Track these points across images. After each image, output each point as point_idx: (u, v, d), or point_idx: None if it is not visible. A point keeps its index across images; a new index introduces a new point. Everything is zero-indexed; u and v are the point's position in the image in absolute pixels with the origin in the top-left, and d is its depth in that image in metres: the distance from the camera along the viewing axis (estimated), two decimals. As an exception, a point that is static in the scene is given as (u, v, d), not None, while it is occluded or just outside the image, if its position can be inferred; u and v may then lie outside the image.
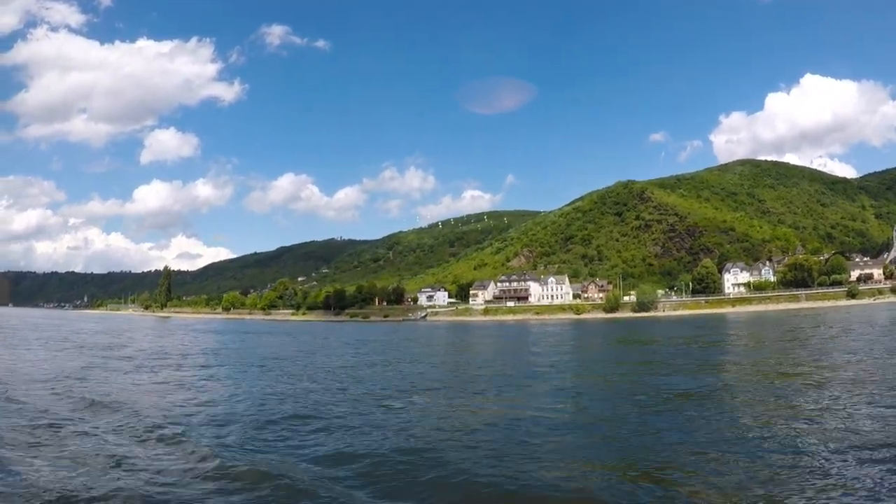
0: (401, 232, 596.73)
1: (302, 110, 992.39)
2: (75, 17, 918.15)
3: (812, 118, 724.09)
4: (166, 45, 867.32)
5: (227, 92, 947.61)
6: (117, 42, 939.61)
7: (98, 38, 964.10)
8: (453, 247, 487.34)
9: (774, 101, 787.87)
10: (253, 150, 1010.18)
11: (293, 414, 32.31)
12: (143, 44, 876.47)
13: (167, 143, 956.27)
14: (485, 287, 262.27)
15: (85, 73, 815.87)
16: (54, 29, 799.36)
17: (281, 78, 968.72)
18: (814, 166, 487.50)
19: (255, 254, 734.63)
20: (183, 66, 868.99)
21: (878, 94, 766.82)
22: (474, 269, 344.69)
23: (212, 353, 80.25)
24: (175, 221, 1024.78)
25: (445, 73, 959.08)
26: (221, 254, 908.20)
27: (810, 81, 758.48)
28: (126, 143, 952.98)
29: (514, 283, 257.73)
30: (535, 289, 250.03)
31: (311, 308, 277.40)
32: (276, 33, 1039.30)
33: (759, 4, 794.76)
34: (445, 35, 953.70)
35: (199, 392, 41.81)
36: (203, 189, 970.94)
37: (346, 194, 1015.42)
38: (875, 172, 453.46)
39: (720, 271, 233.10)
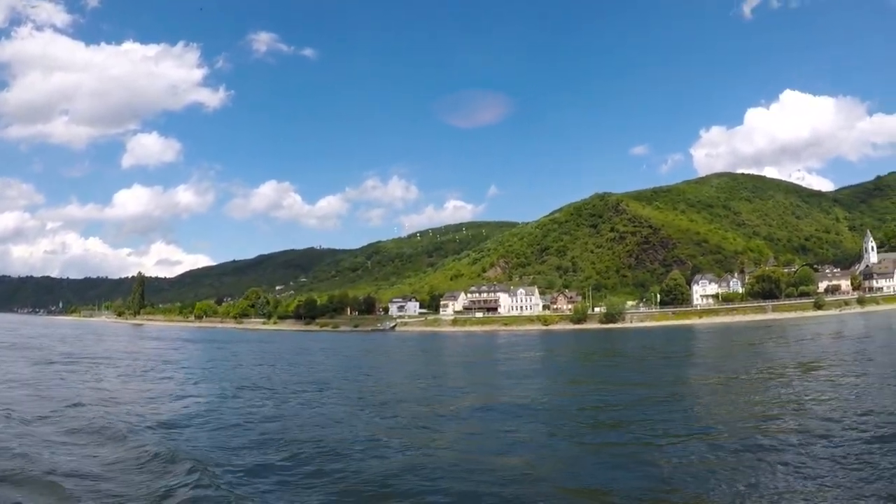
0: (380, 241, 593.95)
1: (286, 118, 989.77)
2: (61, 17, 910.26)
3: (791, 133, 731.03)
4: (152, 49, 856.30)
5: (212, 98, 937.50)
6: (103, 44, 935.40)
7: (84, 39, 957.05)
8: (431, 257, 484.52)
9: (754, 115, 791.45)
10: (236, 156, 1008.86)
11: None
12: (129, 46, 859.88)
13: (150, 147, 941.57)
14: (455, 298, 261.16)
15: (69, 74, 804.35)
16: (39, 28, 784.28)
17: (266, 85, 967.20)
18: (791, 180, 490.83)
19: (234, 262, 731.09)
20: (169, 71, 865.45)
21: (856, 110, 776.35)
22: (450, 279, 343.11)
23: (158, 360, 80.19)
24: (155, 227, 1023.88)
25: (431, 84, 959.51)
26: (201, 261, 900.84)
27: (789, 97, 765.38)
28: (108, 146, 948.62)
29: (484, 294, 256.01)
30: (504, 300, 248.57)
31: (282, 317, 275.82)
32: (263, 40, 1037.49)
33: (741, 21, 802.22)
34: (431, 46, 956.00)
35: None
36: (184, 195, 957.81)
37: (329, 203, 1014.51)
38: (850, 186, 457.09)
39: (689, 283, 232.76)
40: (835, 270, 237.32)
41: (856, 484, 19.33)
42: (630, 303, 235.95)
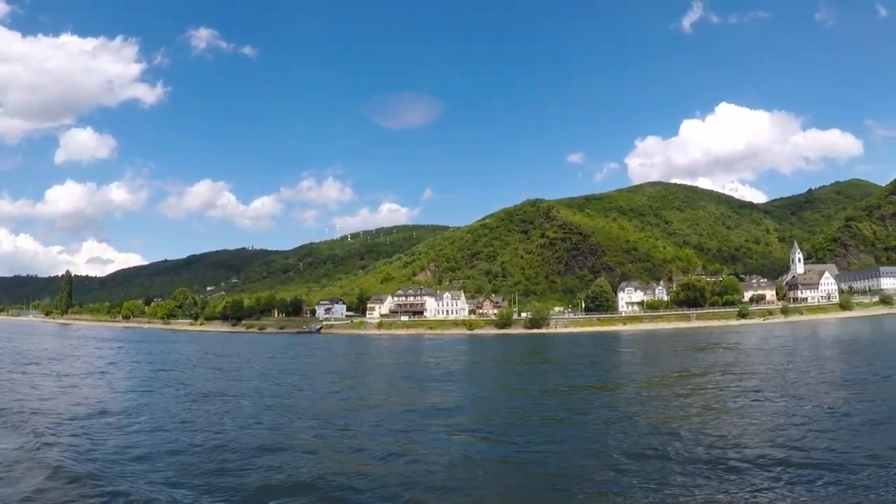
0: (313, 243, 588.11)
1: (224, 116, 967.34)
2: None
3: (725, 145, 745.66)
4: (90, 42, 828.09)
5: (150, 94, 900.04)
6: (40, 35, 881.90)
7: (20, 30, 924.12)
8: (363, 259, 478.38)
9: (689, 127, 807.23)
10: (171, 154, 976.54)
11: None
12: (67, 39, 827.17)
13: (84, 143, 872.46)
14: (382, 301, 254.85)
15: (4, 66, 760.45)
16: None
17: (205, 83, 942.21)
18: (725, 191, 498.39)
19: (166, 261, 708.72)
20: (106, 65, 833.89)
21: (791, 124, 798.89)
22: (381, 282, 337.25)
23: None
24: (87, 225, 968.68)
25: (367, 85, 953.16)
26: (133, 260, 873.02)
27: (725, 110, 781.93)
28: (41, 140, 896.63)
29: (411, 298, 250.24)
30: (430, 304, 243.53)
31: (209, 318, 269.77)
32: (203, 37, 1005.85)
33: (680, 34, 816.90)
34: (370, 48, 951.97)
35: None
36: (117, 192, 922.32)
37: (263, 203, 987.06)
38: (782, 198, 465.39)
39: (616, 290, 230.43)
40: (762, 280, 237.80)
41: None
42: (557, 309, 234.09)
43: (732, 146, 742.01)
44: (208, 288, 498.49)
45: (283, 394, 51.14)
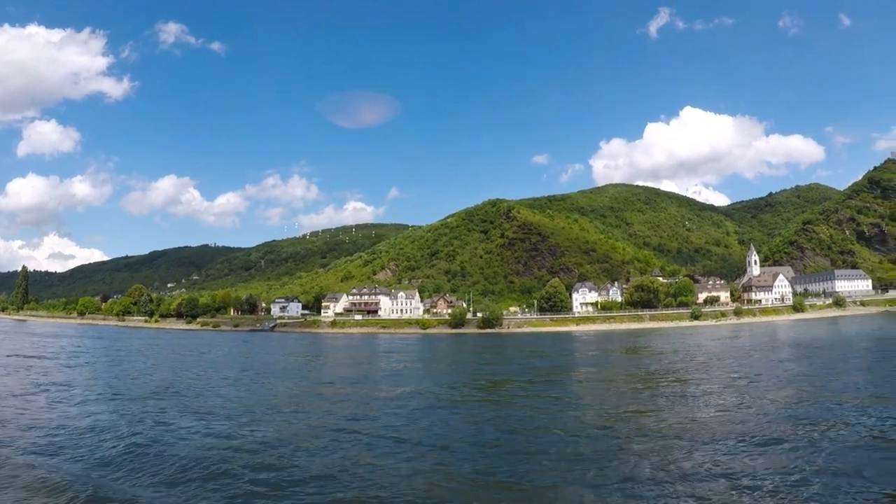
0: (275, 241, 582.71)
1: (190, 112, 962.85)
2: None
3: (689, 149, 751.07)
4: (57, 34, 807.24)
5: (116, 88, 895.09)
6: (6, 25, 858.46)
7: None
8: (325, 258, 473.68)
9: (654, 130, 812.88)
10: (136, 149, 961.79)
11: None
12: (34, 30, 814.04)
13: (47, 135, 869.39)
14: (337, 299, 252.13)
15: None
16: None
17: (172, 78, 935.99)
18: (688, 194, 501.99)
19: (127, 257, 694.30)
20: (72, 57, 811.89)
21: (754, 129, 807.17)
22: (341, 280, 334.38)
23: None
24: (49, 219, 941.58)
25: (335, 83, 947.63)
26: (95, 255, 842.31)
27: (690, 114, 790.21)
28: (4, 133, 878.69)
29: (366, 297, 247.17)
30: (385, 302, 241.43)
31: (164, 316, 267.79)
32: (171, 31, 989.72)
33: (647, 39, 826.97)
34: (339, 46, 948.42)
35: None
36: (80, 186, 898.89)
37: (228, 199, 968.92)
38: (742, 201, 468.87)
39: (570, 291, 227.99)
40: (718, 282, 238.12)
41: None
42: (513, 309, 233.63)
43: (696, 150, 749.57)
44: (169, 285, 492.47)
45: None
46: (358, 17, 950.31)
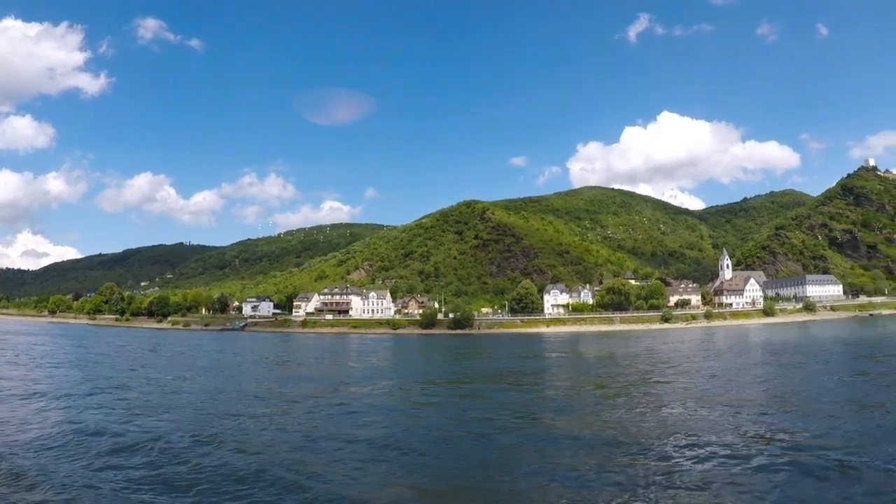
0: (250, 239, 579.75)
1: (167, 109, 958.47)
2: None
3: (666, 153, 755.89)
4: (34, 28, 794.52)
5: (92, 84, 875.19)
6: None
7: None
8: (299, 257, 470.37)
9: (631, 134, 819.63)
10: (112, 146, 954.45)
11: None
12: (11, 23, 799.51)
13: (22, 131, 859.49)
14: (308, 299, 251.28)
15: None
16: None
17: (149, 74, 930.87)
18: (664, 198, 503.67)
19: (101, 255, 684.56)
20: (49, 52, 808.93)
21: (731, 135, 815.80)
22: (315, 280, 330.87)
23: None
24: (22, 216, 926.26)
25: (313, 81, 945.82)
26: (68, 253, 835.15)
27: (667, 119, 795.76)
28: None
29: (337, 297, 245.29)
30: (356, 302, 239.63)
31: (134, 314, 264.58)
32: (150, 27, 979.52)
33: (626, 44, 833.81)
34: (316, 43, 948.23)
35: None
36: (55, 183, 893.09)
37: (204, 198, 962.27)
38: (717, 206, 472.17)
39: (542, 292, 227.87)
40: (690, 285, 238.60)
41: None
42: (485, 310, 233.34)
43: (673, 154, 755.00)
44: (143, 283, 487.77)
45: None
46: (336, 14, 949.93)
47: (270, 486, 23.36)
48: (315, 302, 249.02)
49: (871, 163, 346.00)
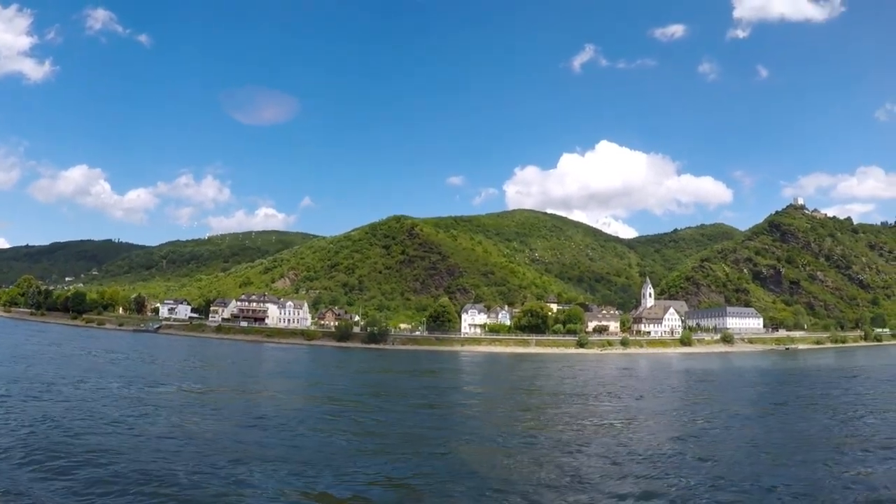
0: (179, 241, 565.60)
1: (109, 102, 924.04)
2: None
3: (602, 181, 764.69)
4: None
5: (36, 70, 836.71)
6: None
7: None
8: (227, 262, 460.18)
9: (568, 161, 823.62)
10: (49, 135, 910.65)
11: None
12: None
13: None
14: (226, 304, 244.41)
15: None
16: None
17: (94, 65, 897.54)
18: (597, 225, 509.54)
19: (28, 246, 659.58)
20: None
21: (667, 167, 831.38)
22: (240, 286, 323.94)
23: None
24: None
25: (246, 82, 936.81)
26: None
27: (606, 148, 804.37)
28: None
29: (254, 304, 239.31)
30: (273, 311, 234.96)
31: (50, 309, 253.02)
32: (99, 18, 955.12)
33: (570, 73, 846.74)
34: (262, 48, 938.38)
35: None
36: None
37: (139, 195, 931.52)
38: (648, 235, 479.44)
39: (460, 312, 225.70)
40: (611, 311, 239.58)
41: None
42: (404, 326, 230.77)
43: (609, 183, 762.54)
44: (67, 278, 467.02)
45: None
46: (286, 18, 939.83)
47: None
48: (232, 308, 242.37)
49: (800, 201, 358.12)
